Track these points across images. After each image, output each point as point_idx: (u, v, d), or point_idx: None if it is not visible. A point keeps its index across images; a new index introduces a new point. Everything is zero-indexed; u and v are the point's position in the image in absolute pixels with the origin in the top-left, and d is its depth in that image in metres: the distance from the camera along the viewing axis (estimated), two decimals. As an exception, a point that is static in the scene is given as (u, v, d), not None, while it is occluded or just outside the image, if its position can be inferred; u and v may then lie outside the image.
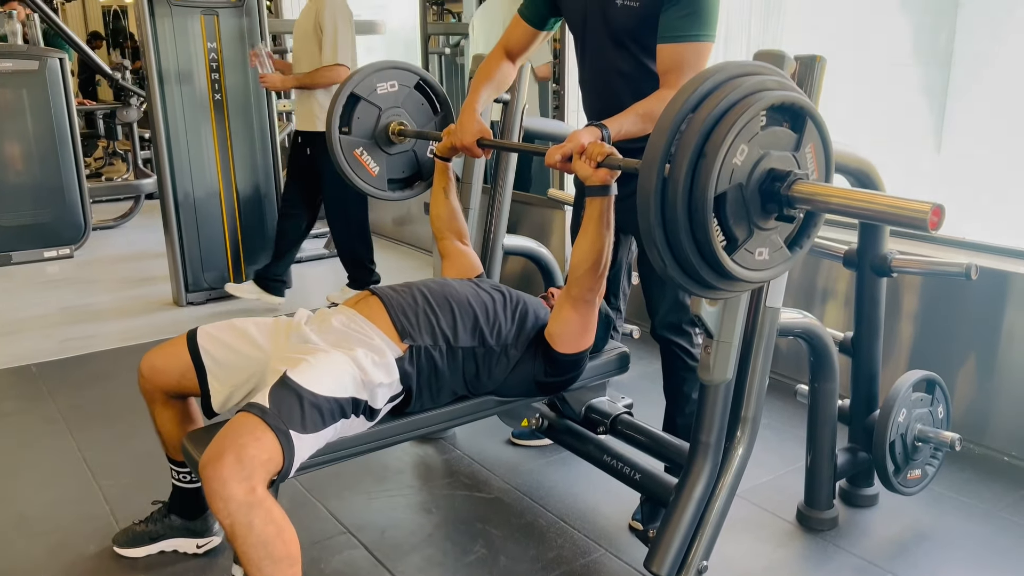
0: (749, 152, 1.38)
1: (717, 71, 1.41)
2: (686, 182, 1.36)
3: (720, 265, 1.41)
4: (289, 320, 1.88)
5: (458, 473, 2.53)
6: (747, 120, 1.35)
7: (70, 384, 3.24)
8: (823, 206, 1.41)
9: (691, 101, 1.39)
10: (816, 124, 1.45)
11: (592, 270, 1.77)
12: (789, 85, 1.45)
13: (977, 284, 2.54)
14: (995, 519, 2.26)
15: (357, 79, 2.39)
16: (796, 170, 1.42)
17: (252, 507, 1.45)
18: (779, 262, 1.51)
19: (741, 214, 1.41)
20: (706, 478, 1.87)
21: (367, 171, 2.42)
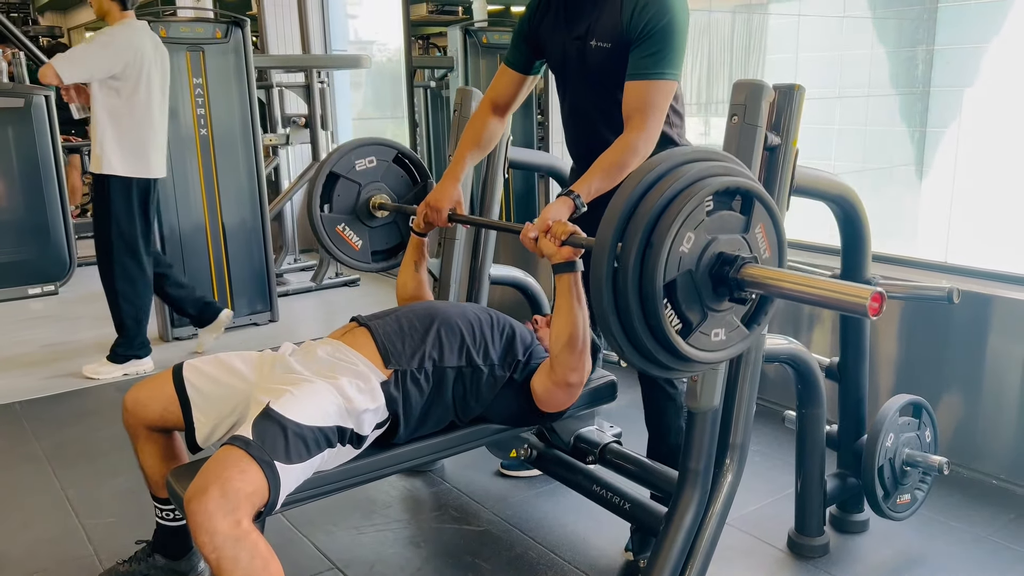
0: (696, 239, 1.41)
1: (663, 160, 1.45)
2: (635, 272, 1.40)
3: (676, 349, 1.43)
4: (274, 353, 1.88)
5: (447, 506, 2.51)
6: (692, 208, 1.38)
7: (54, 422, 3.21)
8: (773, 290, 1.43)
9: (637, 191, 1.43)
10: (764, 204, 1.48)
11: (569, 347, 1.75)
12: (735, 170, 1.48)
13: (961, 308, 2.56)
14: (986, 543, 2.26)
15: (335, 158, 2.41)
16: (744, 254, 1.45)
17: (238, 541, 1.43)
18: (736, 341, 1.53)
19: (693, 298, 1.44)
20: (695, 506, 1.86)
21: (350, 246, 2.44)
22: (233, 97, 4.24)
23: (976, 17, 4.85)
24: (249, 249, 4.39)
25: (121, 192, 3.53)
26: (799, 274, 1.43)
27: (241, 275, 4.38)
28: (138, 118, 3.52)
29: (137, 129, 3.52)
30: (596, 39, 1.96)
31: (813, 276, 1.42)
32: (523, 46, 2.17)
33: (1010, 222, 3.99)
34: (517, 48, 2.19)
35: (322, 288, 5.29)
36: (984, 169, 4.29)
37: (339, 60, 5.78)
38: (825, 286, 1.37)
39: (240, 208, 4.33)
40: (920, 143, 5.21)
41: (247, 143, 4.32)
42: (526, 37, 2.16)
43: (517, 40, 2.18)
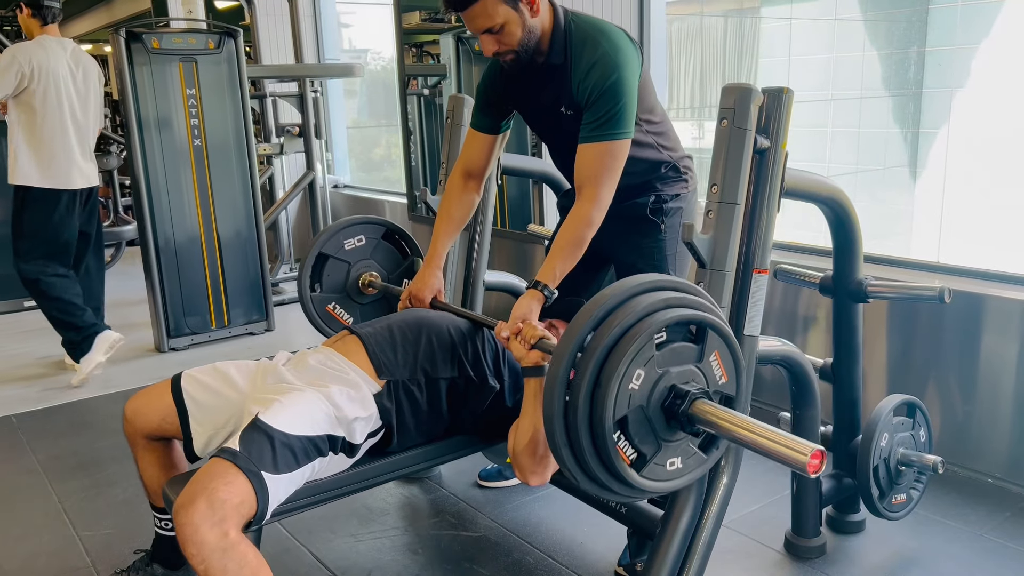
0: (646, 375, 1.42)
1: (613, 293, 1.46)
2: (585, 409, 1.41)
3: (629, 482, 1.45)
4: (269, 362, 1.88)
5: (444, 512, 2.51)
6: (641, 345, 1.40)
7: (50, 434, 3.20)
8: (722, 431, 1.42)
9: (587, 326, 1.45)
10: (718, 333, 1.49)
11: (529, 451, 1.70)
12: (688, 300, 1.49)
13: (954, 307, 2.58)
14: (982, 541, 2.26)
15: (324, 238, 2.42)
16: (696, 387, 1.46)
17: (225, 551, 1.44)
18: (694, 467, 1.54)
19: (647, 431, 1.45)
20: (691, 509, 1.86)
21: (341, 324, 2.45)
22: (227, 107, 4.25)
23: (966, 19, 4.88)
24: (244, 259, 4.39)
25: (36, 202, 3.64)
26: (746, 419, 1.41)
27: (236, 285, 4.38)
28: (50, 131, 3.62)
29: (50, 142, 3.62)
30: (564, 107, 1.98)
31: (760, 425, 1.39)
32: (489, 111, 2.16)
33: (1000, 221, 4.01)
34: (483, 114, 2.17)
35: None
36: (976, 169, 4.31)
37: (331, 69, 5.79)
38: (771, 436, 1.36)
39: (235, 218, 4.34)
40: (913, 144, 5.23)
41: (241, 153, 4.32)
42: (491, 103, 2.14)
43: (482, 107, 2.16)
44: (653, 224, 2.11)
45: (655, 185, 2.10)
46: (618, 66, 1.85)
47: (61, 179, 3.67)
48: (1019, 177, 3.94)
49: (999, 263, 2.70)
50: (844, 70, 5.45)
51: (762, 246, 1.81)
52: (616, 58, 1.85)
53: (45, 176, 3.64)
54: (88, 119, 3.79)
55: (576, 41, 1.91)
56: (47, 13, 3.63)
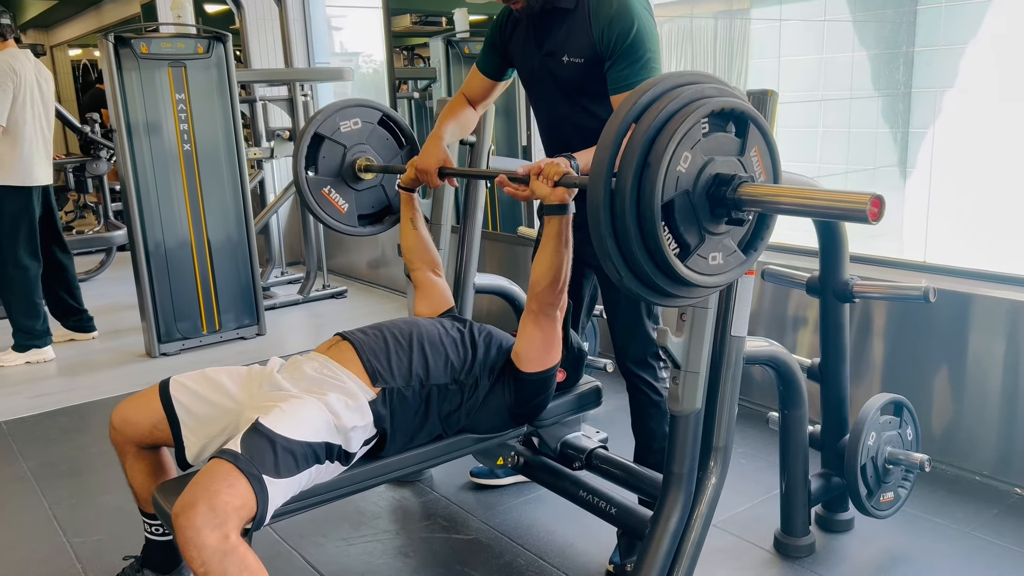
0: (693, 159, 1.40)
1: (657, 82, 1.44)
2: (632, 193, 1.37)
3: (674, 272, 1.42)
4: (262, 369, 1.88)
5: (435, 515, 2.51)
6: (688, 127, 1.37)
7: (40, 441, 3.20)
8: (770, 206, 1.43)
9: (633, 113, 1.41)
10: (759, 127, 1.47)
11: (552, 286, 1.80)
12: (729, 91, 1.47)
13: (941, 306, 2.60)
14: (970, 539, 2.28)
15: (320, 119, 2.40)
16: (741, 173, 1.44)
17: (226, 555, 1.44)
18: (734, 265, 1.52)
19: (691, 220, 1.42)
20: (680, 509, 1.87)
21: (336, 208, 2.44)
22: (216, 112, 4.25)
23: (954, 19, 4.90)
24: (235, 263, 4.39)
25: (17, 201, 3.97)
26: (794, 188, 1.43)
27: (227, 290, 4.37)
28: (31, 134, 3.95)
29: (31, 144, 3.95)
30: (568, 55, 1.98)
31: (810, 190, 1.41)
32: (494, 55, 2.21)
33: (988, 220, 4.03)
34: (488, 56, 2.23)
35: (309, 300, 5.29)
36: (963, 168, 4.33)
37: (321, 73, 5.80)
38: (823, 196, 1.36)
39: (225, 222, 4.33)
40: (903, 144, 5.25)
41: (231, 157, 4.32)
42: (496, 48, 2.20)
43: (488, 49, 2.22)
44: None
45: None
46: (637, 14, 1.89)
47: (40, 177, 4.03)
48: (1006, 177, 3.97)
49: (986, 262, 2.72)
50: (834, 71, 5.47)
51: (748, 247, 1.81)
52: (634, 7, 1.89)
53: (27, 176, 3.95)
54: (50, 124, 4.13)
55: None
56: (5, 30, 3.92)
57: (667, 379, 2.16)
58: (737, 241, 1.53)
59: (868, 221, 1.29)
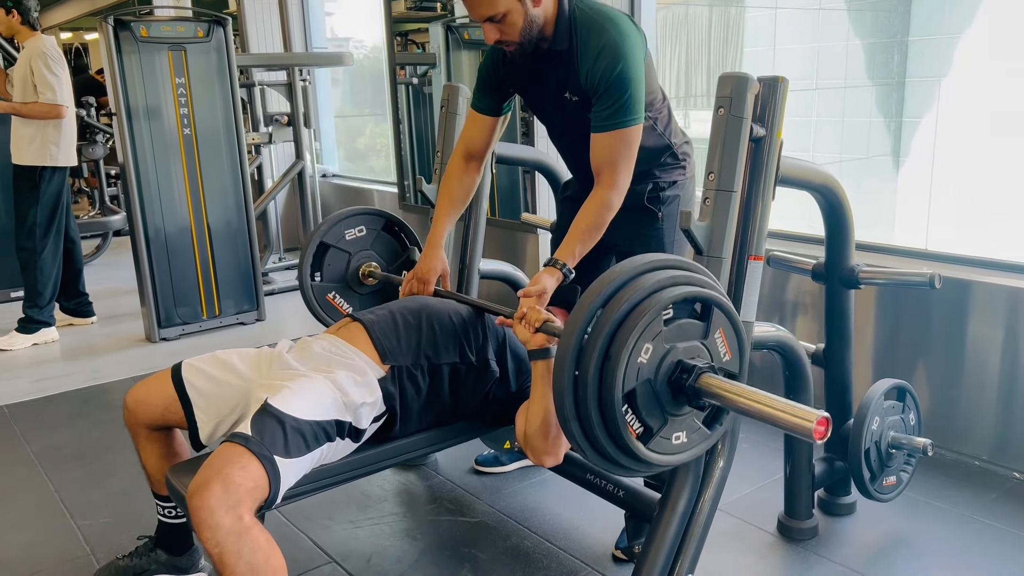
0: (654, 349, 1.45)
1: (622, 271, 1.49)
2: (595, 382, 1.44)
3: (636, 455, 1.48)
4: (271, 350, 1.89)
5: (441, 498, 2.53)
6: (650, 320, 1.43)
7: (43, 425, 3.20)
8: (728, 402, 1.46)
9: (597, 303, 1.47)
10: (723, 311, 1.53)
11: (542, 432, 1.73)
12: (694, 278, 1.52)
13: (941, 293, 2.62)
14: (970, 523, 2.32)
15: (325, 228, 2.44)
16: (702, 361, 1.49)
17: (240, 535, 1.45)
18: (699, 442, 1.58)
19: (653, 406, 1.49)
20: (688, 492, 1.89)
21: (340, 313, 2.47)
22: (216, 96, 4.23)
23: (949, 8, 4.92)
24: (235, 248, 4.38)
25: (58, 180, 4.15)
26: (753, 391, 1.45)
27: (227, 275, 4.37)
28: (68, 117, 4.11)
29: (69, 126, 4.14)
30: (568, 92, 1.99)
31: (766, 395, 1.43)
32: (490, 93, 2.17)
33: (985, 209, 4.07)
34: (484, 95, 2.18)
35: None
36: (960, 157, 4.36)
37: (321, 58, 5.77)
38: (777, 406, 1.40)
39: (225, 208, 4.33)
40: (896, 133, 5.28)
41: (231, 142, 4.31)
42: (493, 87, 2.16)
43: (483, 89, 2.18)
44: (650, 212, 2.13)
45: (653, 172, 2.12)
46: (624, 54, 1.87)
47: (73, 157, 4.21)
48: (999, 166, 4.00)
49: (985, 249, 2.75)
50: (828, 59, 5.48)
51: (758, 233, 1.83)
52: (622, 46, 1.87)
53: (69, 157, 4.15)
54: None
55: (581, 27, 1.92)
56: (36, 22, 4.09)
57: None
58: (702, 420, 1.58)
59: (812, 439, 1.33)
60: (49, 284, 4.19)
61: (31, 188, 4.05)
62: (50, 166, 4.05)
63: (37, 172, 4.03)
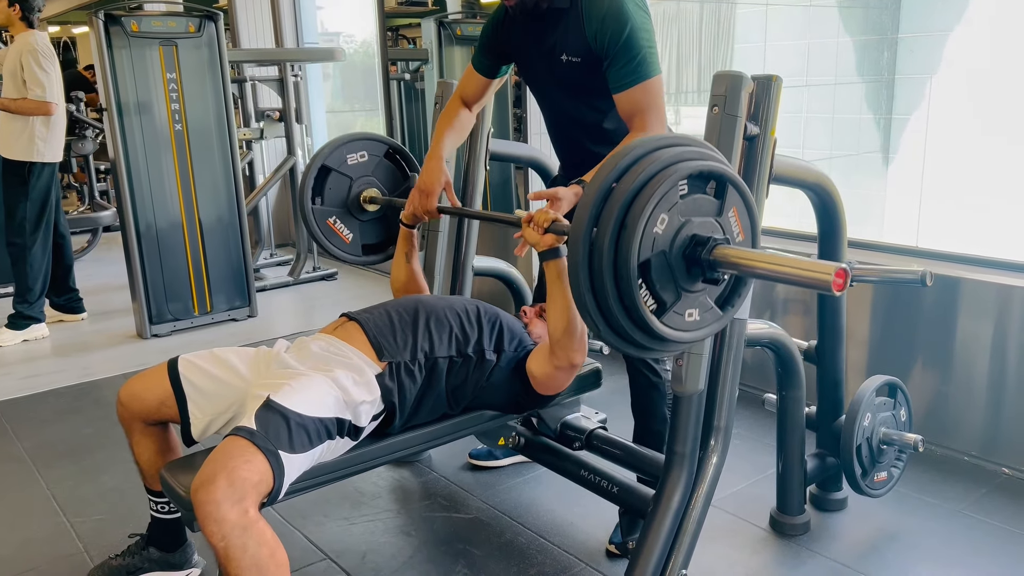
0: (670, 220, 1.44)
1: (636, 146, 1.48)
2: (610, 252, 1.42)
3: (650, 328, 1.47)
4: (269, 350, 1.90)
5: (435, 495, 2.54)
6: (666, 190, 1.41)
7: (35, 421, 3.18)
8: (744, 269, 1.46)
9: (613, 175, 1.46)
10: (737, 189, 1.52)
11: (568, 333, 1.77)
12: (709, 155, 1.52)
13: (931, 290, 2.65)
14: (960, 517, 2.34)
15: (327, 151, 2.43)
16: (716, 236, 1.48)
17: (246, 529, 1.46)
18: (711, 322, 1.56)
19: (667, 279, 1.47)
20: (682, 488, 1.91)
21: (341, 239, 2.47)
22: (208, 92, 4.21)
23: (939, 5, 4.94)
24: (226, 245, 4.37)
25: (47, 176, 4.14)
26: (767, 254, 1.46)
27: (219, 271, 4.36)
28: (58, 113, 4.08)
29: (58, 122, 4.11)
30: (566, 54, 1.99)
31: (781, 256, 1.45)
32: (489, 55, 2.21)
33: (973, 206, 4.10)
34: (483, 55, 2.22)
35: (299, 283, 5.28)
36: (950, 154, 4.39)
37: (314, 53, 5.75)
38: (793, 264, 1.40)
39: (216, 203, 4.31)
40: (886, 130, 5.30)
41: (222, 138, 4.29)
42: (491, 48, 2.19)
43: (482, 49, 2.21)
44: None
45: None
46: (630, 13, 1.88)
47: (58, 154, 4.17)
48: (989, 164, 4.03)
49: (974, 247, 2.77)
50: (819, 56, 5.50)
51: (752, 231, 1.84)
52: (625, 5, 1.88)
53: (58, 153, 4.14)
54: None
55: None
56: (34, 19, 4.05)
57: (667, 361, 2.20)
58: (714, 299, 1.57)
59: (831, 291, 1.34)
60: (39, 280, 4.17)
61: (20, 183, 4.04)
62: (39, 162, 4.03)
63: (26, 167, 4.02)
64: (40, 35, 3.98)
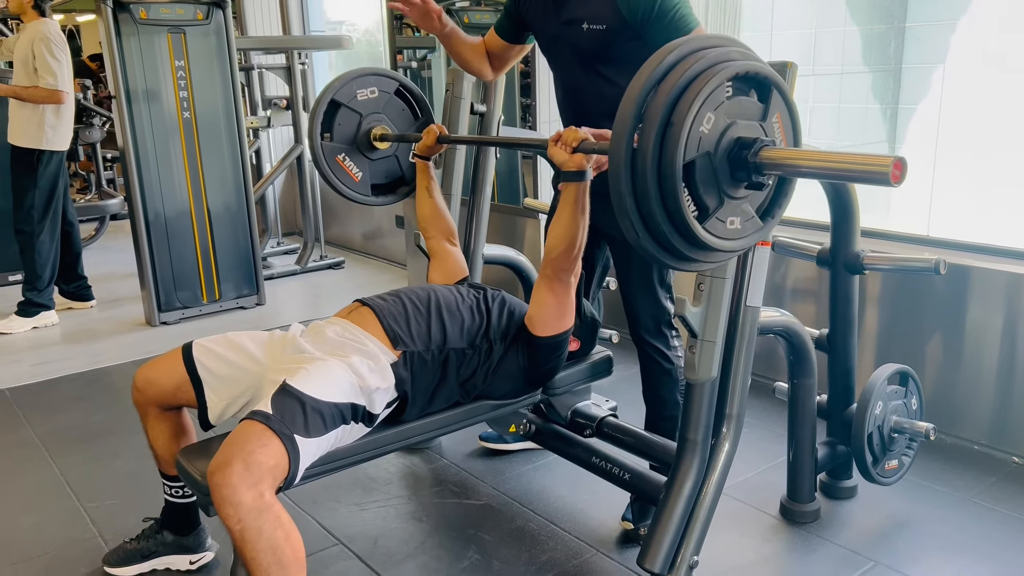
0: (716, 120, 1.39)
1: (682, 44, 1.43)
2: (655, 151, 1.36)
3: (692, 234, 1.41)
4: (284, 334, 1.90)
5: (446, 481, 2.55)
6: (712, 88, 1.36)
7: (45, 408, 3.20)
8: (791, 170, 1.43)
9: (657, 72, 1.40)
10: (782, 94, 1.47)
11: (567, 251, 1.82)
12: (753, 56, 1.47)
13: (941, 279, 2.65)
14: (969, 505, 2.34)
15: (337, 85, 2.39)
16: (763, 138, 1.44)
17: (261, 512, 1.47)
18: (751, 231, 1.52)
19: (711, 183, 1.42)
20: (694, 475, 1.91)
21: (350, 177, 2.43)
22: (216, 79, 4.21)
23: (946, -6, 4.91)
24: (234, 232, 4.37)
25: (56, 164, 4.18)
26: (815, 151, 1.43)
27: (227, 259, 4.36)
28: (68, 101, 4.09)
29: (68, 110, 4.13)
30: (588, 22, 1.98)
31: (833, 152, 1.41)
32: (509, 20, 2.22)
33: (979, 195, 4.09)
34: (507, 19, 2.24)
35: (307, 271, 5.29)
36: (960, 144, 4.38)
37: (321, 41, 5.73)
38: (844, 159, 1.36)
39: (224, 191, 4.31)
40: (892, 120, 5.28)
41: (230, 126, 4.29)
42: (512, 14, 2.20)
43: (507, 14, 2.23)
44: None
45: None
46: None
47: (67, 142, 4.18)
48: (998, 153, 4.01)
49: (984, 236, 2.77)
50: (825, 45, 5.48)
51: (766, 218, 1.84)
52: None
53: (66, 141, 4.15)
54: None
55: None
56: (46, 7, 4.06)
57: (679, 348, 2.20)
58: (755, 207, 1.53)
59: (890, 183, 1.28)
60: (47, 267, 4.19)
61: (29, 171, 4.05)
62: (47, 149, 4.04)
63: (35, 155, 4.03)
64: (52, 23, 3.98)
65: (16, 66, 3.99)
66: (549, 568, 2.09)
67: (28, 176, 4.05)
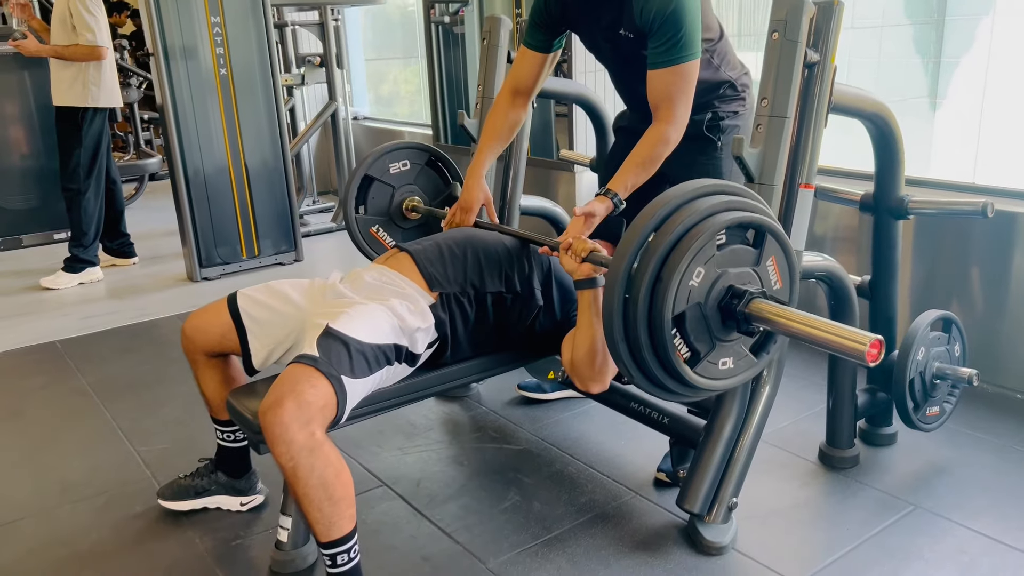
0: (706, 273, 1.46)
1: (676, 195, 1.49)
2: (644, 304, 1.45)
3: (683, 378, 1.50)
4: (323, 281, 1.94)
5: (485, 428, 2.59)
6: (702, 244, 1.43)
7: (95, 359, 3.29)
8: (778, 327, 1.47)
9: (650, 225, 1.48)
10: (776, 238, 1.52)
11: (588, 360, 1.77)
12: (748, 204, 1.52)
13: (986, 226, 2.61)
14: (1010, 452, 2.33)
15: (370, 161, 2.45)
16: (754, 288, 1.50)
17: (313, 450, 1.51)
18: (744, 369, 1.59)
19: (702, 329, 1.49)
20: (734, 418, 1.93)
21: (384, 247, 2.49)
22: (251, 36, 4.23)
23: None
24: (272, 189, 4.42)
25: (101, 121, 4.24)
26: (803, 314, 1.46)
27: (265, 215, 4.42)
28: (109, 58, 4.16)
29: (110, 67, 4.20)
30: (623, 29, 1.99)
31: (817, 319, 1.44)
32: (543, 29, 2.16)
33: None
34: (536, 32, 2.17)
35: (342, 229, 5.33)
36: (1003, 96, 4.27)
37: (353, -3, 5.70)
38: (828, 329, 1.41)
39: (261, 148, 4.35)
40: (934, 74, 5.15)
41: (266, 82, 4.31)
42: (545, 23, 2.15)
43: (535, 24, 2.17)
44: (710, 141, 2.14)
45: (712, 103, 2.13)
46: None
47: (116, 99, 4.25)
48: None
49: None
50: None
51: (809, 161, 1.83)
52: None
53: (111, 98, 4.19)
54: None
55: None
56: None
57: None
58: (749, 347, 1.59)
59: (866, 362, 1.35)
60: (93, 224, 4.27)
61: (74, 129, 4.11)
62: (92, 107, 4.10)
63: (79, 113, 4.08)
64: None
65: (53, 25, 4.04)
66: (588, 509, 2.13)
67: (73, 135, 4.12)
